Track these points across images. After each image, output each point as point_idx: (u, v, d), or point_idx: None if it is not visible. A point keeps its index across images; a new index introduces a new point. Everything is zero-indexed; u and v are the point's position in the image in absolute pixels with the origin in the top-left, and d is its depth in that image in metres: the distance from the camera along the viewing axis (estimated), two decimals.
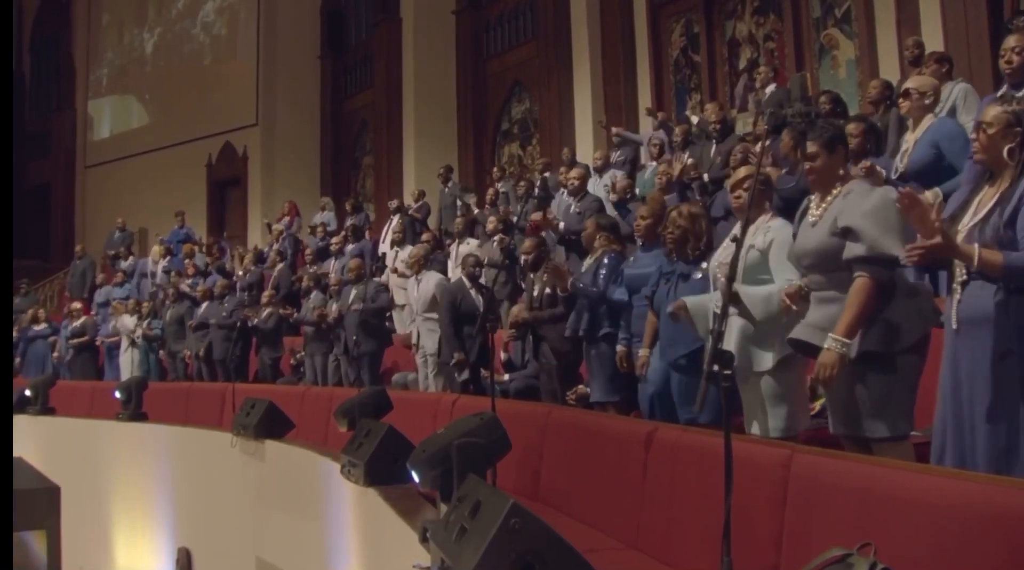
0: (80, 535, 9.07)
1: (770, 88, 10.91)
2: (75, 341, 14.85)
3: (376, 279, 10.94)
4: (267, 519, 7.58)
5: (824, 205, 4.07)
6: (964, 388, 3.44)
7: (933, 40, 10.56)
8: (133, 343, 13.70)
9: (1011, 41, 5.34)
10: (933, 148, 5.79)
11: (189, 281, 14.30)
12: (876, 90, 8.13)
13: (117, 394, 10.45)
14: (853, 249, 3.84)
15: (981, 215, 3.49)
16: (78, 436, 10.99)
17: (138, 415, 10.26)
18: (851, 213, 3.89)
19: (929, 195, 3.39)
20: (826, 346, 3.79)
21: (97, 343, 15.00)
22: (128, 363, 13.72)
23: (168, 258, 16.76)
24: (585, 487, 5.20)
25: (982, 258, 3.32)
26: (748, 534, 3.52)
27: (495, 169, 15.86)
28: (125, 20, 25.57)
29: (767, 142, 7.35)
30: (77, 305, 15.78)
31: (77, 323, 14.95)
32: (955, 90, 7.06)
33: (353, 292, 9.98)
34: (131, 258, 17.93)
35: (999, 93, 5.07)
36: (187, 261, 15.50)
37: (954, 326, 3.49)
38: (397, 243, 12.07)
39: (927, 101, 6.01)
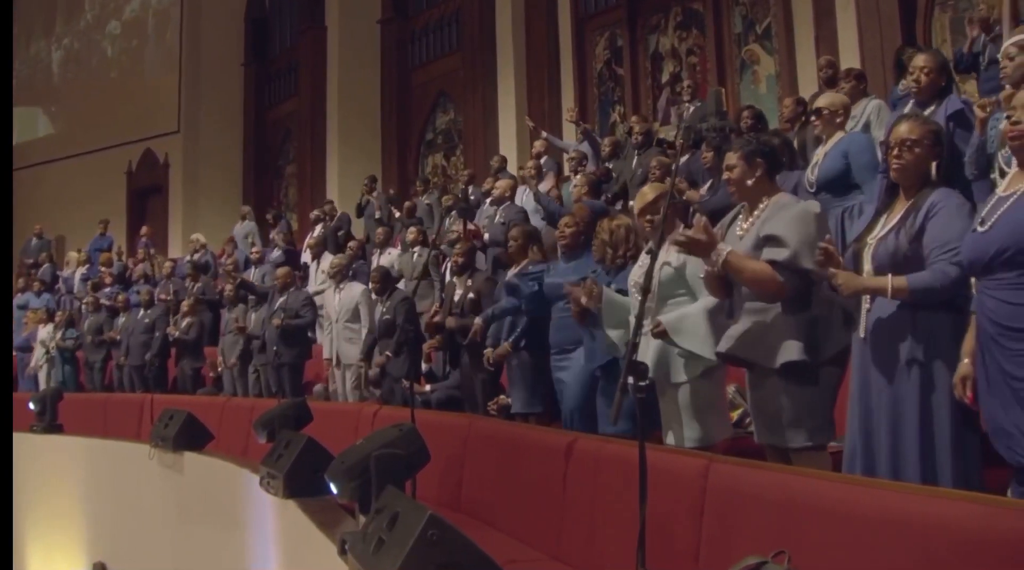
0: None
1: (694, 104, 11.02)
2: None
3: (304, 289, 10.78)
4: (186, 532, 7.46)
5: (752, 218, 4.09)
6: (873, 397, 3.50)
7: (849, 57, 10.80)
8: (48, 353, 13.40)
9: (920, 60, 5.39)
10: (843, 158, 5.90)
11: (107, 290, 14.03)
12: (789, 108, 8.26)
13: (31, 406, 10.22)
14: (772, 253, 3.85)
15: (889, 227, 3.55)
16: None
17: (53, 427, 10.04)
18: (774, 223, 3.92)
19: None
20: (714, 255, 3.84)
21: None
22: (44, 374, 13.43)
23: (87, 266, 16.43)
24: (507, 498, 5.20)
25: (894, 287, 3.38)
26: (666, 544, 3.54)
27: (417, 182, 15.82)
28: (32, 31, 24.93)
29: (684, 158, 7.42)
30: None
31: None
32: (869, 106, 7.24)
33: (278, 303, 9.87)
34: (47, 266, 17.52)
35: (905, 110, 5.16)
36: (104, 269, 15.20)
37: (863, 336, 3.56)
38: (316, 254, 11.96)
39: (838, 119, 6.12)
